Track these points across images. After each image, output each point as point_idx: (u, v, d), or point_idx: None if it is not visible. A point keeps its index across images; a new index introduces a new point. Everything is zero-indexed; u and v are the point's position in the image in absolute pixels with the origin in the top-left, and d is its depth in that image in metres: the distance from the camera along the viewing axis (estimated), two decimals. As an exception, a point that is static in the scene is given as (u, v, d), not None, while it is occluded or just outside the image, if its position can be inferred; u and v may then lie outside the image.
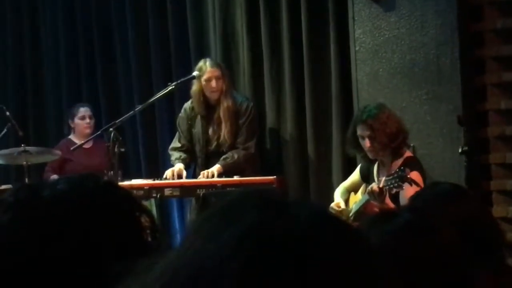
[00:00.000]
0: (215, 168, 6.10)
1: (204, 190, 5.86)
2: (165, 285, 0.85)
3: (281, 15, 6.43)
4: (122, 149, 5.86)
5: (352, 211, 5.28)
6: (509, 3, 5.49)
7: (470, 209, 2.56)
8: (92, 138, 6.72)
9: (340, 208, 5.37)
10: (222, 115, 6.25)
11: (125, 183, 5.95)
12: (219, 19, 6.77)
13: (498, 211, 5.40)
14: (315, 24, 6.25)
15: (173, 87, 6.19)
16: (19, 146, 6.61)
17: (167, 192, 5.98)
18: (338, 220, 0.90)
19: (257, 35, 6.57)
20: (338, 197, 5.46)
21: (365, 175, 5.38)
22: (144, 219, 1.29)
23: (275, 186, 5.73)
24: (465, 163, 4.98)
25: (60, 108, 7.84)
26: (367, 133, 5.11)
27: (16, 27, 8.11)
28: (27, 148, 6.56)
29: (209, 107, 6.36)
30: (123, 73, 7.52)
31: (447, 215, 2.36)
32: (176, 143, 6.51)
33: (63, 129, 7.53)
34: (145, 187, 5.97)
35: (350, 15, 5.92)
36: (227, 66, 6.54)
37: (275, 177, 5.86)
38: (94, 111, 7.29)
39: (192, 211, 6.33)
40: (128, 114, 6.23)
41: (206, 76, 6.21)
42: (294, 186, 6.30)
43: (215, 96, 6.26)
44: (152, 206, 6.02)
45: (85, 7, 7.70)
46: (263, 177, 5.95)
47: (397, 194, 4.89)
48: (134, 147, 7.40)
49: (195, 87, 6.31)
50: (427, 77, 5.63)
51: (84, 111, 7.21)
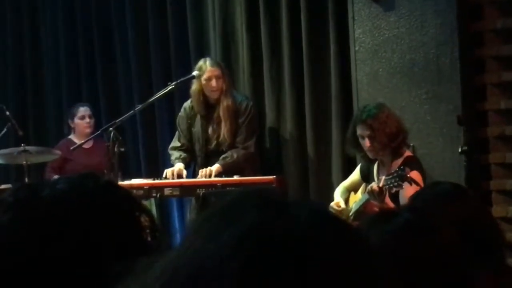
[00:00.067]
0: (214, 168, 6.10)
1: (204, 189, 5.86)
2: (165, 284, 0.85)
3: (281, 14, 6.43)
4: (122, 149, 5.85)
5: (352, 211, 5.28)
6: (509, 2, 5.48)
7: (470, 209, 2.56)
8: (92, 137, 6.72)
9: (340, 207, 5.37)
10: (222, 114, 6.25)
11: (125, 182, 5.96)
12: (219, 18, 6.77)
13: (498, 211, 5.40)
14: (315, 23, 6.25)
15: (173, 86, 6.19)
16: (19, 145, 6.61)
17: (167, 191, 5.98)
18: (338, 220, 0.90)
19: (257, 35, 6.57)
20: (338, 196, 5.46)
21: (365, 175, 5.38)
22: (144, 218, 1.29)
23: (275, 185, 5.72)
24: (465, 163, 4.98)
25: (60, 108, 7.84)
26: (367, 132, 5.11)
27: (16, 27, 8.11)
28: (27, 147, 6.55)
29: (208, 106, 6.35)
30: (123, 73, 7.52)
31: (447, 215, 2.36)
32: (176, 143, 6.51)
33: (63, 129, 7.53)
34: (145, 187, 5.97)
35: (350, 14, 5.91)
36: (227, 66, 6.54)
37: (275, 176, 5.86)
38: (94, 111, 7.29)
39: (192, 210, 6.32)
40: (128, 113, 6.23)
41: (206, 75, 6.20)
42: (294, 186, 6.30)
43: (215, 95, 6.26)
44: (152, 206, 6.02)
45: (85, 7, 7.70)
46: (263, 176, 5.95)
47: (397, 193, 4.89)
48: (134, 146, 7.40)
49: (194, 86, 6.30)
50: (427, 77, 5.62)
51: (84, 110, 7.21)
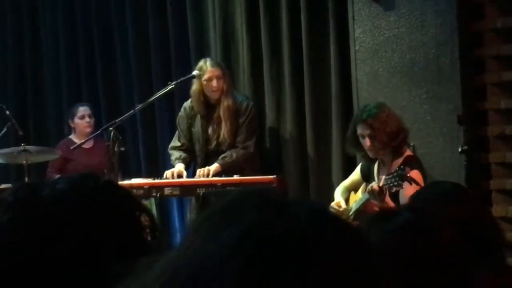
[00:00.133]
0: (213, 167, 6.09)
1: (204, 189, 5.85)
2: (165, 284, 0.84)
3: (281, 14, 6.43)
4: (122, 148, 5.85)
5: (352, 210, 5.28)
6: (509, 2, 5.48)
7: (470, 209, 2.55)
8: (92, 137, 6.72)
9: (340, 207, 5.37)
10: (222, 115, 6.24)
11: (125, 182, 5.96)
12: (219, 18, 6.77)
13: (498, 210, 5.40)
14: (315, 23, 6.25)
15: (173, 86, 6.18)
16: (19, 145, 6.61)
17: (167, 191, 5.98)
18: (338, 220, 0.90)
19: (257, 35, 6.57)
20: (338, 196, 5.46)
21: (365, 174, 5.38)
22: (144, 218, 1.29)
23: (274, 185, 5.72)
24: (465, 163, 4.98)
25: (60, 108, 7.84)
26: (367, 132, 5.11)
27: (16, 27, 8.11)
28: (27, 147, 6.55)
29: (209, 106, 6.35)
30: (123, 73, 7.52)
31: (447, 215, 2.36)
32: (176, 142, 6.51)
33: (63, 129, 7.53)
34: (145, 186, 5.97)
35: (350, 14, 5.91)
36: (227, 66, 6.54)
37: (275, 176, 5.85)
38: (94, 111, 7.29)
39: (192, 210, 6.32)
40: (128, 113, 6.22)
41: (207, 76, 6.19)
42: (294, 185, 6.30)
43: (216, 95, 6.25)
44: (152, 206, 6.02)
45: (85, 7, 7.70)
46: (263, 176, 5.95)
47: (397, 193, 4.89)
48: (134, 146, 7.40)
49: (195, 86, 6.29)
50: (427, 77, 5.62)
51: (84, 110, 7.21)
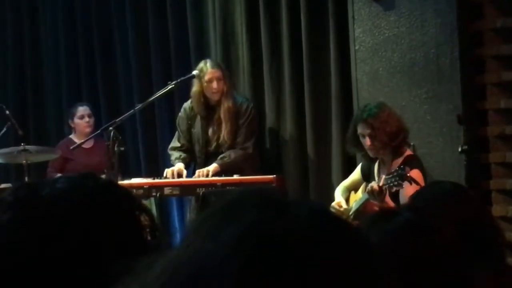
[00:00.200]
0: (212, 167, 6.09)
1: (204, 189, 5.85)
2: (165, 284, 0.84)
3: (281, 14, 6.43)
4: (122, 148, 5.85)
5: (352, 210, 5.28)
6: (509, 2, 5.48)
7: (470, 209, 2.56)
8: (92, 137, 6.73)
9: (341, 207, 5.37)
10: (222, 116, 6.24)
11: (125, 182, 5.96)
12: (219, 18, 6.77)
13: (498, 210, 5.39)
14: (315, 23, 6.25)
15: (173, 86, 6.18)
16: (19, 145, 6.61)
17: (166, 191, 5.98)
18: (338, 220, 0.90)
19: (257, 35, 6.57)
20: (339, 196, 5.46)
21: (366, 174, 5.38)
22: (143, 218, 1.29)
23: (274, 185, 5.72)
24: (465, 162, 4.98)
25: (60, 108, 7.85)
26: (368, 131, 5.11)
27: (16, 27, 8.11)
28: (27, 147, 6.55)
29: (209, 107, 6.35)
30: (123, 73, 7.52)
31: (447, 215, 2.36)
32: (176, 143, 6.50)
33: (63, 129, 7.53)
34: (144, 186, 5.97)
35: (349, 14, 5.91)
36: (227, 66, 6.54)
37: (275, 176, 5.85)
38: (94, 110, 7.29)
39: (192, 210, 6.32)
40: (128, 113, 6.22)
41: (207, 77, 6.19)
42: (294, 185, 6.30)
43: (216, 97, 6.25)
44: (152, 205, 6.03)
45: (85, 7, 7.71)
46: (263, 176, 5.95)
47: (397, 192, 4.89)
48: (134, 146, 7.40)
49: (195, 87, 6.29)
50: (427, 76, 5.62)
51: (83, 110, 7.21)
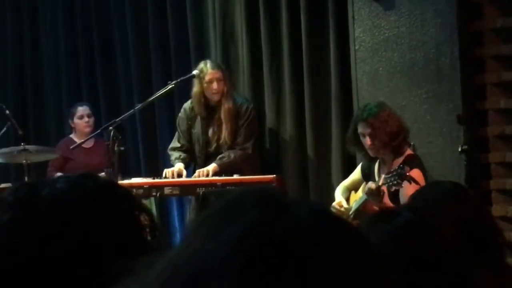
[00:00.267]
0: (211, 167, 6.09)
1: (204, 189, 5.85)
2: (165, 284, 0.84)
3: (281, 14, 6.43)
4: (122, 148, 5.85)
5: (352, 210, 5.28)
6: (509, 2, 5.48)
7: (470, 209, 2.55)
8: (92, 137, 6.73)
9: (341, 206, 5.36)
10: (223, 117, 6.24)
11: (125, 181, 5.96)
12: (219, 18, 6.76)
13: (498, 210, 5.39)
14: (314, 23, 6.25)
15: (173, 85, 6.19)
16: (19, 144, 6.61)
17: (166, 190, 5.98)
18: (339, 220, 0.90)
19: (257, 35, 6.57)
20: (339, 196, 5.46)
21: (366, 174, 5.38)
22: (143, 218, 1.29)
23: (274, 185, 5.72)
24: (465, 162, 4.98)
25: (60, 108, 7.85)
26: (368, 131, 5.11)
27: (16, 27, 8.11)
28: (27, 146, 6.55)
29: (209, 108, 6.35)
30: (123, 73, 7.52)
31: (447, 215, 2.36)
32: (176, 143, 6.50)
33: (63, 129, 7.54)
34: (144, 186, 5.97)
35: (349, 14, 5.91)
36: (227, 66, 6.54)
37: (275, 176, 5.86)
38: (94, 110, 7.29)
39: (191, 210, 6.32)
40: (128, 112, 6.23)
41: (208, 78, 6.19)
42: (294, 186, 6.30)
43: (216, 97, 6.25)
44: (151, 205, 6.03)
45: (85, 7, 7.71)
46: (262, 176, 5.95)
47: (397, 192, 4.89)
48: (134, 146, 7.40)
49: (196, 88, 6.29)
50: (427, 76, 5.62)
51: (83, 110, 7.21)
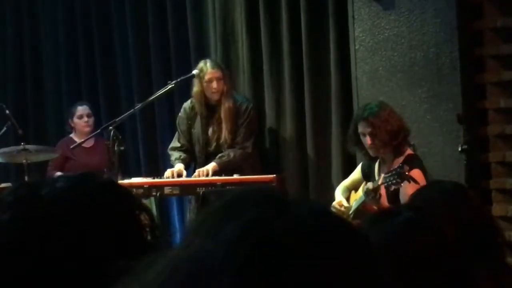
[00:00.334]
0: (211, 166, 6.09)
1: (204, 188, 5.85)
2: (164, 283, 0.84)
3: (281, 14, 6.43)
4: (122, 148, 5.85)
5: (352, 209, 5.28)
6: (509, 1, 5.48)
7: (470, 208, 2.56)
8: (92, 136, 6.73)
9: (342, 206, 5.36)
10: (223, 116, 6.24)
11: (125, 181, 5.96)
12: (219, 18, 6.76)
13: (498, 209, 5.39)
14: (314, 23, 6.24)
15: (173, 85, 6.19)
16: (19, 144, 6.61)
17: (166, 190, 5.98)
18: (339, 219, 0.90)
19: (257, 35, 6.56)
20: (339, 195, 5.45)
21: (366, 173, 5.37)
22: (144, 217, 1.29)
23: (274, 184, 5.72)
24: (465, 162, 4.98)
25: (60, 108, 7.84)
26: (368, 130, 5.10)
27: (16, 27, 8.10)
28: (27, 146, 6.55)
29: (209, 107, 6.35)
30: (123, 73, 7.52)
31: (447, 215, 2.36)
32: (176, 143, 6.50)
33: (63, 128, 7.53)
34: (145, 186, 5.97)
35: (349, 13, 5.91)
36: (227, 66, 6.54)
37: (275, 175, 5.86)
38: (94, 110, 7.28)
39: (192, 209, 6.32)
40: (128, 112, 6.23)
41: (207, 77, 6.19)
42: (294, 185, 6.29)
43: (216, 96, 6.25)
44: (152, 205, 6.02)
45: (85, 7, 7.71)
46: (263, 175, 5.95)
47: (397, 191, 4.88)
48: (134, 145, 7.40)
49: (196, 88, 6.29)
50: (426, 76, 5.62)
51: (82, 109, 7.20)
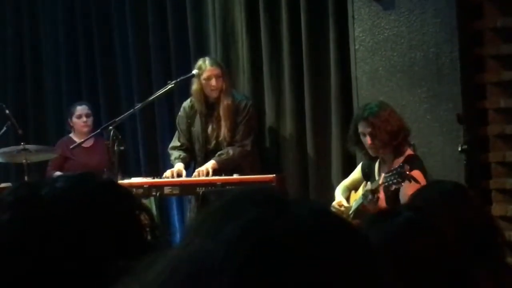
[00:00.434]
0: (210, 165, 6.09)
1: (204, 188, 5.85)
2: (164, 283, 0.84)
3: (281, 14, 6.43)
4: (122, 147, 5.85)
5: (352, 209, 5.28)
6: (509, 1, 5.48)
7: (470, 208, 2.56)
8: (92, 136, 6.73)
9: (341, 206, 5.36)
10: (222, 114, 6.25)
11: (125, 181, 5.96)
12: (219, 18, 6.77)
13: (498, 209, 5.39)
14: (314, 23, 6.25)
15: (172, 85, 6.20)
16: (19, 144, 6.61)
17: (166, 190, 5.98)
18: (339, 219, 0.90)
19: (257, 35, 6.57)
20: (339, 195, 5.45)
21: (366, 173, 5.37)
22: (143, 217, 1.29)
23: (274, 184, 5.72)
24: (465, 162, 4.98)
25: (60, 108, 7.84)
26: (368, 130, 5.10)
27: (16, 27, 8.11)
28: (27, 146, 6.55)
29: (208, 105, 6.35)
30: (123, 73, 7.52)
31: (447, 215, 2.36)
32: (176, 142, 6.50)
33: (62, 128, 7.53)
34: (144, 186, 5.97)
35: (349, 13, 5.91)
36: (227, 66, 6.54)
37: (275, 175, 5.86)
38: (94, 110, 7.28)
39: (191, 209, 6.32)
40: (128, 112, 6.24)
41: (206, 74, 6.20)
42: (294, 185, 6.29)
43: (215, 94, 6.26)
44: (151, 205, 6.03)
45: (85, 7, 7.71)
46: (262, 175, 5.95)
47: (397, 191, 4.88)
48: (134, 145, 7.40)
49: (195, 86, 6.29)
50: (426, 76, 5.62)
51: (81, 109, 7.19)
